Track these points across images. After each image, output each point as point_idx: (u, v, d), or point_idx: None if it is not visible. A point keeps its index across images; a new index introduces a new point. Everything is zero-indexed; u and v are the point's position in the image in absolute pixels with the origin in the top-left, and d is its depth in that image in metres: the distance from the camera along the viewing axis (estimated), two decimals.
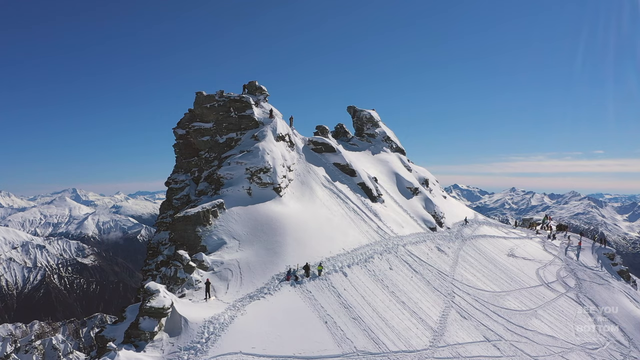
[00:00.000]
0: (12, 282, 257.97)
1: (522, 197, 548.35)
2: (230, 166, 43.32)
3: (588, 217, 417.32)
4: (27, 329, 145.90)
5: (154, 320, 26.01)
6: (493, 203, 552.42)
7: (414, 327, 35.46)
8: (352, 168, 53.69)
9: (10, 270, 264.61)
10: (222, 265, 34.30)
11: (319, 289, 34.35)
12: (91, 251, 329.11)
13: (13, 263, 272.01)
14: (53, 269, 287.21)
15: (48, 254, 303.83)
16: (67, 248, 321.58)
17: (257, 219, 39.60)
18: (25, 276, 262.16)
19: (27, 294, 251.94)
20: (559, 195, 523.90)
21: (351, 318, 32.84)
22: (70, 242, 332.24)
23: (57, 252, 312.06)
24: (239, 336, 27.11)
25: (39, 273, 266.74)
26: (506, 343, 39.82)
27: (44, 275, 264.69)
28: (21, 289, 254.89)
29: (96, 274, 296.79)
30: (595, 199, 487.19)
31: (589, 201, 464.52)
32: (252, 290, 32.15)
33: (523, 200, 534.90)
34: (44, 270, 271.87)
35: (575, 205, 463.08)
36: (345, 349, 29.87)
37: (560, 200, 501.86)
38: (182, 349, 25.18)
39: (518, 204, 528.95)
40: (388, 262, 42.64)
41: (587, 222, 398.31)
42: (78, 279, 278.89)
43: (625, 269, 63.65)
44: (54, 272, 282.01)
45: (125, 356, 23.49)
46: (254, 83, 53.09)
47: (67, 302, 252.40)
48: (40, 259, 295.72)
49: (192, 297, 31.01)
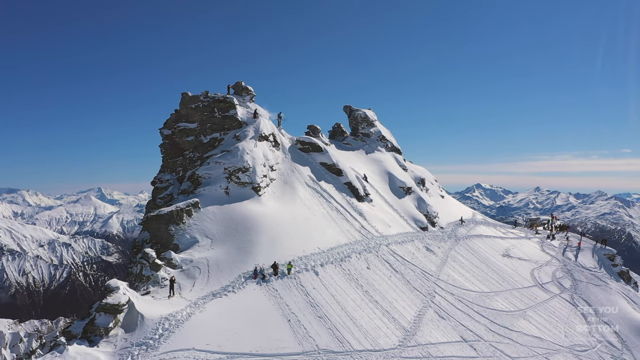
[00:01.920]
0: (39, 279, 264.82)
1: (547, 197, 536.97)
2: (209, 166, 43.96)
3: (615, 217, 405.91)
4: (52, 325, 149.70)
5: (109, 317, 26.62)
6: (517, 203, 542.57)
7: (384, 326, 35.25)
8: (339, 167, 53.73)
9: (37, 268, 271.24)
10: (191, 264, 34.77)
11: (286, 287, 34.54)
12: (115, 249, 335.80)
13: (40, 260, 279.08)
14: (78, 267, 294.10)
15: (74, 251, 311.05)
16: (92, 246, 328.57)
17: (233, 218, 40.03)
18: (51, 273, 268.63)
19: (53, 291, 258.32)
20: (585, 194, 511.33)
21: (317, 316, 32.86)
22: (95, 240, 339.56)
23: (82, 250, 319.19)
24: (194, 333, 27.45)
25: (64, 270, 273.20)
26: (485, 344, 39.31)
27: (69, 273, 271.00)
28: (47, 286, 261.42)
29: (120, 272, 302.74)
30: (623, 198, 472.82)
31: (615, 201, 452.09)
32: (217, 289, 32.52)
33: (548, 200, 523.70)
34: (70, 268, 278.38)
35: (602, 205, 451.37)
36: (306, 347, 29.90)
37: (586, 200, 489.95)
38: (134, 345, 25.68)
39: (542, 203, 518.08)
40: (366, 262, 42.52)
41: (613, 223, 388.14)
42: (103, 276, 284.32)
43: (626, 270, 62.10)
44: (79, 270, 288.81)
45: (75, 351, 24.12)
46: (240, 83, 53.69)
47: (92, 299, 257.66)
48: (66, 256, 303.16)
49: (157, 295, 31.58)
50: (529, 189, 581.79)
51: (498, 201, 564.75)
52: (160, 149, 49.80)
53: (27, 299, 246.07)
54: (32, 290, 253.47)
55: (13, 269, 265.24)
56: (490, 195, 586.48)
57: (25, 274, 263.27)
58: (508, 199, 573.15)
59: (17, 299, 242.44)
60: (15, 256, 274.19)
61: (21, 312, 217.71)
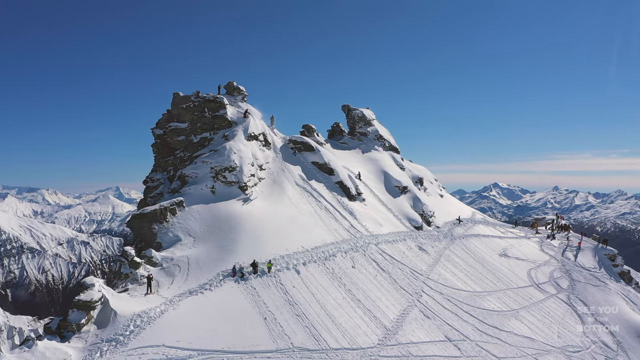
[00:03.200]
0: (58, 277, 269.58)
1: (565, 196, 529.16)
2: (196, 165, 44.48)
3: (635, 217, 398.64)
4: None
5: (82, 313, 27.16)
6: (535, 202, 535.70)
7: (365, 325, 35.10)
8: (330, 167, 53.80)
9: (57, 266, 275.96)
10: (171, 262, 35.16)
11: (264, 285, 34.69)
12: None
13: (59, 259, 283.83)
14: (97, 265, 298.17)
15: (92, 250, 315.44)
16: (110, 244, 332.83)
17: (217, 216, 40.35)
18: (70, 271, 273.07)
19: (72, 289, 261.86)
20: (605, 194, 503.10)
21: (294, 315, 32.89)
22: (113, 239, 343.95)
23: (100, 248, 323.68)
24: (166, 330, 27.73)
25: (83, 268, 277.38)
26: (471, 343, 38.95)
27: (87, 271, 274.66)
28: (66, 283, 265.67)
29: None
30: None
31: (636, 200, 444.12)
32: (194, 286, 32.85)
33: (566, 200, 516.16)
34: (88, 266, 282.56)
35: (622, 204, 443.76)
36: (281, 344, 29.98)
37: (605, 200, 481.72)
38: (103, 341, 26.10)
39: (561, 203, 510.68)
40: (352, 260, 42.47)
41: (634, 222, 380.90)
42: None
43: (627, 271, 60.99)
44: (97, 268, 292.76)
45: (44, 346, 24.68)
46: (232, 83, 54.19)
47: None
48: (85, 254, 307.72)
49: (135, 292, 32.06)
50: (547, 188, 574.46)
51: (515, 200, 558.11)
52: (153, 149, 50.51)
53: (47, 297, 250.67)
54: (51, 287, 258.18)
55: (33, 266, 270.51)
56: (507, 195, 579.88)
57: (44, 272, 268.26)
58: (526, 198, 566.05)
59: (36, 296, 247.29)
60: (35, 254, 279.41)
61: (40, 309, 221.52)
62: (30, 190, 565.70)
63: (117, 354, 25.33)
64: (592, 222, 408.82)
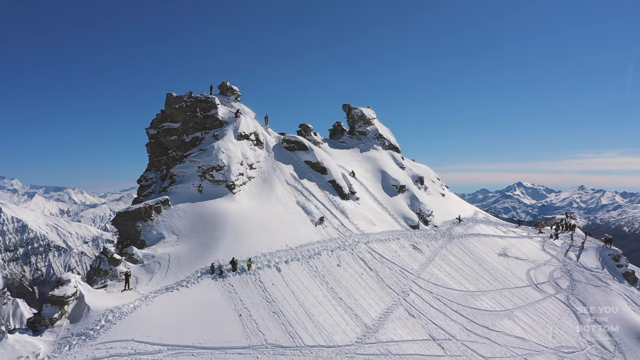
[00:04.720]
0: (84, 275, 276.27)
1: (592, 196, 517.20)
2: (184, 164, 45.08)
3: None
4: None
5: (55, 308, 27.85)
6: (560, 202, 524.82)
7: (344, 323, 35.03)
8: (324, 166, 53.83)
9: (82, 264, 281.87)
10: (152, 259, 35.71)
11: (243, 283, 34.97)
12: None
13: (84, 257, 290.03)
14: None
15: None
16: None
17: (202, 215, 40.79)
18: None
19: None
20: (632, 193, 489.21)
21: (271, 312, 33.03)
22: None
23: None
24: (137, 325, 28.20)
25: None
26: (456, 343, 38.57)
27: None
28: None
29: None
30: None
31: None
32: (172, 283, 33.40)
33: (592, 199, 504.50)
34: None
35: None
36: (254, 341, 30.16)
37: (633, 199, 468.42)
38: (74, 335, 26.69)
39: (587, 202, 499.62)
40: (338, 259, 42.53)
41: None
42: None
43: (632, 271, 59.41)
44: None
45: (15, 339, 25.41)
46: (225, 84, 54.82)
47: None
48: None
49: (113, 288, 32.76)
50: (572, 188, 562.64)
51: (540, 200, 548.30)
52: (147, 148, 51.45)
53: None
54: None
55: (59, 264, 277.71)
56: (531, 194, 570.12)
57: (70, 270, 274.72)
58: (550, 197, 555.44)
59: None
60: (61, 252, 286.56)
61: None
62: (57, 190, 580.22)
63: (85, 348, 25.90)
64: (620, 222, 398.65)
